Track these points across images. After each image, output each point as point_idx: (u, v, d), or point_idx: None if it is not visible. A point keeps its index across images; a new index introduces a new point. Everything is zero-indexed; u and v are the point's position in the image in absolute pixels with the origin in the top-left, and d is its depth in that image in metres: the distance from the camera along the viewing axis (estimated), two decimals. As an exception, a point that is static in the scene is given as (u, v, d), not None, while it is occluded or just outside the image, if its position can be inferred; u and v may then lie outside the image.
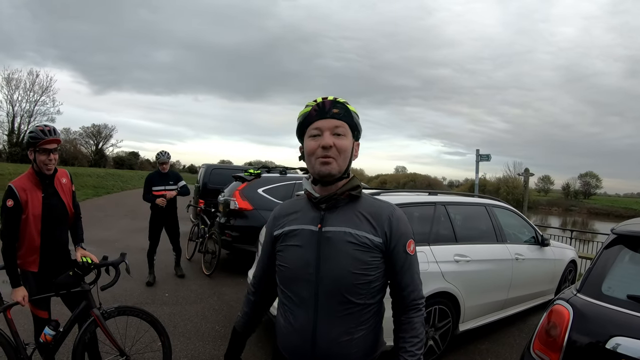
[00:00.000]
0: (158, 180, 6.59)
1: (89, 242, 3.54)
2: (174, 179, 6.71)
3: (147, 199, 6.55)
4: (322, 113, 1.51)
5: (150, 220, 6.66)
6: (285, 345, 1.60)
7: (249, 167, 10.23)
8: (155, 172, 6.75)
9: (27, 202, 2.88)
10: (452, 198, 4.95)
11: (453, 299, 4.17)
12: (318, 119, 1.51)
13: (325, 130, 1.49)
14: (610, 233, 2.79)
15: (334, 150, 1.48)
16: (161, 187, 6.54)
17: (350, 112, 1.52)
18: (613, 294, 2.42)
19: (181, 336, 4.43)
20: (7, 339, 2.86)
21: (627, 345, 2.13)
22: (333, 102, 1.51)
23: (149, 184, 6.57)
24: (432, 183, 79.60)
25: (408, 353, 1.52)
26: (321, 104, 1.51)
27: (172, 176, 6.73)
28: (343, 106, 1.51)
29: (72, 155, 51.55)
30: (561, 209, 63.47)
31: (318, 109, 1.51)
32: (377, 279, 1.52)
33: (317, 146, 1.49)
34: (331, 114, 1.50)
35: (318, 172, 1.51)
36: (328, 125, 1.50)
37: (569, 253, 6.55)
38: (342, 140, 1.50)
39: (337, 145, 1.49)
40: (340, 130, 1.50)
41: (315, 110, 1.51)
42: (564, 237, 12.00)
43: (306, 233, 1.55)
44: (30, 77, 43.94)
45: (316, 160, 1.50)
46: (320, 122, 1.51)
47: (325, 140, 1.48)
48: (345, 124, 1.52)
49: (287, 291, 1.58)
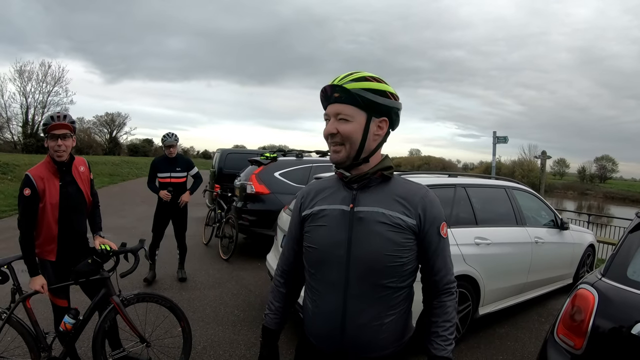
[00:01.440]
0: (164, 165, 5.76)
1: (106, 230, 3.56)
2: (182, 166, 5.85)
3: (152, 189, 5.82)
4: (326, 98, 1.48)
5: (156, 211, 5.86)
6: (313, 331, 1.57)
7: (264, 151, 10.19)
8: (162, 156, 5.90)
9: (44, 190, 2.87)
10: (472, 180, 4.88)
11: (473, 282, 4.12)
12: (327, 105, 1.48)
13: (331, 116, 1.46)
14: (635, 217, 2.72)
15: (339, 137, 1.45)
16: (166, 174, 5.72)
17: (352, 94, 1.42)
18: (639, 279, 2.36)
19: (200, 321, 4.46)
20: (26, 329, 2.88)
21: (653, 331, 2.07)
22: (333, 87, 1.45)
23: (154, 170, 5.79)
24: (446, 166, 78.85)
25: (441, 338, 1.49)
26: (323, 89, 1.47)
27: (180, 162, 5.86)
28: (343, 89, 1.42)
29: (86, 144, 51.94)
30: (577, 192, 62.57)
31: (323, 95, 1.48)
32: (410, 261, 1.47)
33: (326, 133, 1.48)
34: (333, 99, 1.45)
35: (331, 160, 1.51)
36: (332, 111, 1.46)
37: (588, 237, 6.47)
38: (344, 125, 1.44)
39: (341, 131, 1.44)
40: (342, 116, 1.44)
41: (322, 97, 1.49)
42: (580, 221, 11.86)
43: (337, 213, 1.50)
44: (43, 69, 44.10)
45: (330, 147, 1.50)
46: (328, 108, 1.47)
47: (327, 127, 1.47)
48: (350, 106, 1.43)
49: (315, 274, 1.54)
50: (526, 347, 4.27)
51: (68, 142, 2.94)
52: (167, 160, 5.77)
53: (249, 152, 11.60)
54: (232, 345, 3.94)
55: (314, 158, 7.85)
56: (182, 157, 6.03)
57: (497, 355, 4.08)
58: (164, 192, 5.64)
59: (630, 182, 78.79)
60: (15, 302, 2.85)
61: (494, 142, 12.56)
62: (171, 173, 5.73)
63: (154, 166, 5.81)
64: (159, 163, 5.81)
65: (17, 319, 2.86)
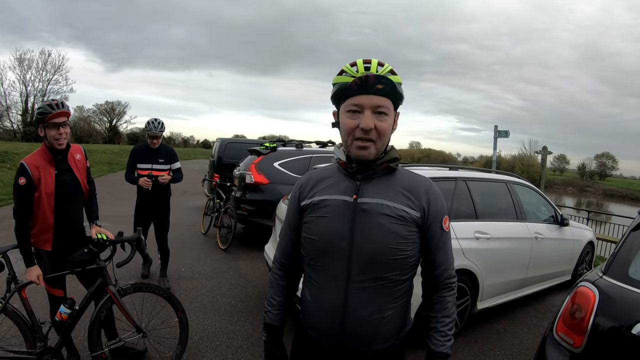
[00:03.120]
0: (145, 155, 5.11)
1: (103, 219, 3.53)
2: (166, 157, 5.18)
3: (130, 179, 5.16)
4: (364, 88, 1.34)
5: (136, 208, 5.27)
6: (312, 323, 1.54)
7: (264, 141, 10.16)
8: (142, 145, 5.24)
9: (39, 179, 2.83)
10: (472, 174, 4.84)
11: (472, 276, 4.11)
12: (359, 94, 1.35)
13: (366, 108, 1.35)
14: (637, 215, 2.68)
15: (374, 132, 1.36)
16: (147, 166, 5.09)
17: (395, 87, 1.36)
18: (640, 278, 2.33)
19: (197, 311, 4.45)
20: (22, 319, 2.86)
21: (653, 331, 2.05)
22: (377, 77, 1.33)
23: (134, 160, 5.13)
24: (446, 159, 78.81)
25: (440, 333, 1.47)
26: (364, 77, 1.33)
27: (163, 152, 5.19)
28: (388, 81, 1.34)
29: (86, 133, 51.71)
30: (576, 189, 62.61)
31: (360, 83, 1.34)
32: (413, 254, 1.45)
33: (356, 126, 1.36)
34: (374, 90, 1.34)
35: (354, 156, 1.41)
36: (370, 103, 1.35)
37: (587, 234, 6.44)
38: (384, 121, 1.36)
39: (379, 127, 1.36)
40: (383, 110, 1.36)
41: (356, 84, 1.34)
42: (580, 217, 11.87)
43: (339, 204, 1.45)
44: (43, 57, 43.79)
45: (353, 142, 1.39)
46: (361, 98, 1.35)
47: (366, 121, 1.34)
48: (389, 100, 1.37)
49: (316, 266, 1.50)
50: (524, 343, 4.26)
51: (67, 129, 2.90)
52: (149, 150, 5.12)
53: (249, 141, 11.56)
54: (228, 336, 3.92)
55: (314, 149, 7.83)
56: (166, 147, 5.35)
57: (495, 350, 4.07)
58: (143, 179, 4.98)
59: (629, 180, 78.99)
60: (11, 292, 2.83)
61: (495, 136, 12.52)
62: (153, 165, 5.10)
63: (134, 155, 5.15)
64: (140, 152, 5.15)
65: (13, 309, 2.84)
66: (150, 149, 5.10)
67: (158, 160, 5.11)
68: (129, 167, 5.16)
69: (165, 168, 5.15)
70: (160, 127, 5.07)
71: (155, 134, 5.02)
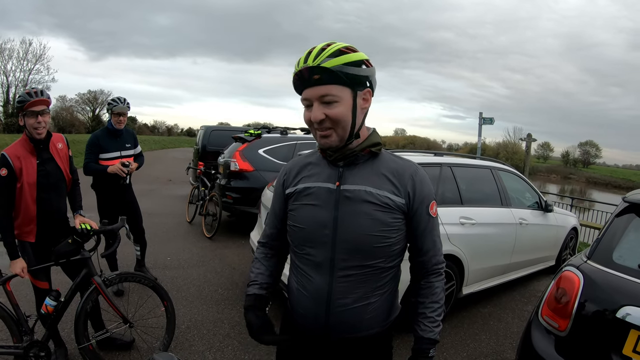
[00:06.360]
0: (110, 143, 4.38)
1: (87, 209, 3.48)
2: (132, 141, 4.60)
3: (94, 169, 4.33)
4: (304, 81, 1.32)
5: (99, 204, 4.48)
6: (298, 310, 1.53)
7: (248, 128, 10.09)
8: (103, 130, 4.49)
9: (21, 169, 2.78)
10: (458, 160, 4.87)
11: (457, 261, 4.14)
12: (304, 88, 1.34)
13: (313, 100, 1.33)
14: (621, 201, 2.72)
15: (328, 122, 1.33)
16: (115, 154, 4.39)
17: (334, 72, 1.28)
18: (624, 263, 2.36)
19: (184, 300, 4.43)
20: (7, 312, 2.81)
21: (637, 315, 2.08)
22: (310, 69, 1.29)
23: (97, 149, 4.33)
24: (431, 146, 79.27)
25: (428, 319, 1.47)
26: (299, 72, 1.31)
27: (128, 136, 4.56)
28: (321, 69, 1.28)
29: (69, 123, 51.02)
30: (560, 176, 63.54)
31: (298, 79, 1.33)
32: (398, 241, 1.43)
33: (310, 118, 1.35)
34: (313, 82, 1.30)
35: (320, 145, 1.40)
36: (314, 94, 1.32)
37: (571, 220, 6.53)
38: (333, 108, 1.32)
39: (330, 115, 1.32)
40: (328, 98, 1.31)
41: (296, 82, 1.34)
42: (563, 204, 12.03)
43: (323, 191, 1.43)
44: (23, 46, 43.01)
45: (315, 132, 1.38)
46: (307, 92, 1.33)
47: (314, 114, 1.32)
48: (335, 86, 1.30)
49: (301, 254, 1.49)
50: (509, 327, 4.33)
51: (46, 117, 2.85)
52: (112, 135, 4.43)
53: (233, 129, 11.47)
54: (215, 324, 3.91)
55: (299, 135, 7.79)
56: (129, 131, 4.68)
57: (480, 334, 4.13)
58: (117, 167, 4.29)
59: (612, 168, 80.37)
60: (-5, 285, 2.78)
61: (480, 123, 12.57)
62: (121, 152, 4.46)
63: (95, 144, 4.35)
64: (103, 139, 4.38)
65: (-3, 302, 2.79)
66: (114, 135, 4.42)
67: (125, 146, 4.51)
68: (90, 157, 4.32)
69: (132, 154, 4.61)
70: (127, 103, 4.48)
71: (122, 109, 4.37)
